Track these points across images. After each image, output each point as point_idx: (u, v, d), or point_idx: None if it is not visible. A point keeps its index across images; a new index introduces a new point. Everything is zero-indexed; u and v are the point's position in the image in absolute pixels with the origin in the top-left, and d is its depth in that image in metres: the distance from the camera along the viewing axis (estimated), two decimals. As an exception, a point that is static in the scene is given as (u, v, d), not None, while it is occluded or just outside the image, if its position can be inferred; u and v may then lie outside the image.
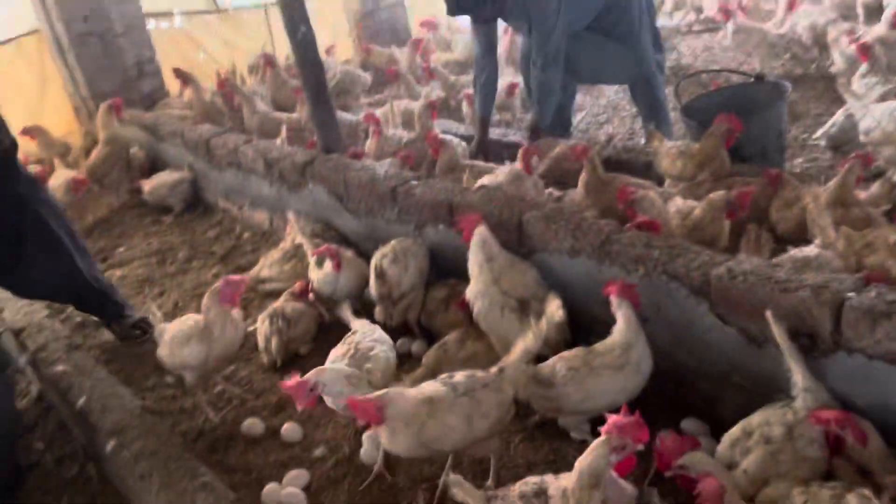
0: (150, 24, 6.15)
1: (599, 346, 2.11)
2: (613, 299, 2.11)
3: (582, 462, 1.64)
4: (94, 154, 4.73)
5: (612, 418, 1.65)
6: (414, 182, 3.00)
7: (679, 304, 2.11)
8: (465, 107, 4.93)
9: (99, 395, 2.57)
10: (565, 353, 2.15)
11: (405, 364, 2.64)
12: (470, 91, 4.64)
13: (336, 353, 2.39)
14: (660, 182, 3.28)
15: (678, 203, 2.79)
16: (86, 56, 5.48)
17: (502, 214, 2.59)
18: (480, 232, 2.49)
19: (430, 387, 1.94)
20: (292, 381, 2.02)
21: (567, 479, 1.66)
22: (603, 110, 5.17)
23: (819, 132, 3.69)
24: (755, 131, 3.34)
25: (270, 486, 2.19)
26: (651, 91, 3.99)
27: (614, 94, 5.33)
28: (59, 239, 2.96)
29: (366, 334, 2.43)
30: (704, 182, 3.00)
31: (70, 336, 3.06)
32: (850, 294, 1.76)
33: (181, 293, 3.57)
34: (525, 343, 2.01)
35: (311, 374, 2.06)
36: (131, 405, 2.51)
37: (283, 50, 5.70)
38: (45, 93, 5.64)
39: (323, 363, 2.75)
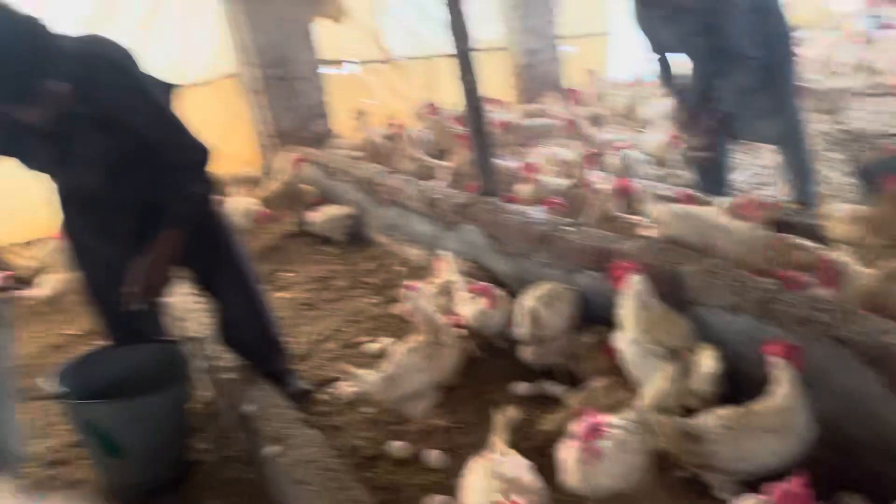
0: (327, 70, 6.70)
1: (758, 405, 2.05)
2: (774, 360, 2.05)
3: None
4: (272, 187, 5.18)
5: (778, 485, 1.61)
6: (567, 228, 3.07)
7: (848, 373, 2.01)
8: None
9: (263, 404, 2.79)
10: (720, 410, 2.11)
11: (545, 405, 2.68)
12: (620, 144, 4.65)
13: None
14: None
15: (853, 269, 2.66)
16: (274, 98, 6.05)
17: (659, 265, 2.59)
18: (635, 280, 2.51)
19: None
20: None
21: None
22: (761, 169, 5.02)
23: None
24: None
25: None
26: (797, 151, 3.84)
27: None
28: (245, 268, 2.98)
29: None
30: (880, 247, 2.85)
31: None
32: None
33: (339, 319, 3.80)
34: (656, 386, 1.99)
35: None
36: (291, 416, 2.70)
37: (447, 98, 5.99)
38: (234, 128, 6.24)
39: (474, 396, 2.86)
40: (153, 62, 4.76)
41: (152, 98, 2.50)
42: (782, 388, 2.02)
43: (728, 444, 2.02)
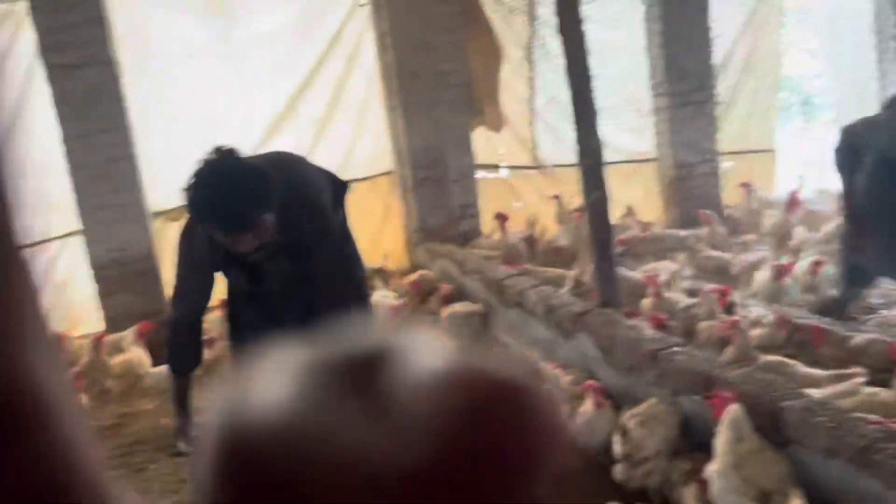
0: (479, 174, 7.09)
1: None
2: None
3: None
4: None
5: None
6: (676, 349, 3.04)
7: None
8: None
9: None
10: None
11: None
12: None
13: None
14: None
15: None
16: (423, 196, 6.49)
17: (760, 398, 2.51)
18: (733, 410, 2.44)
19: None
20: None
21: None
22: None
23: None
24: None
25: None
26: None
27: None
28: None
29: None
30: None
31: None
32: None
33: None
34: None
35: None
36: None
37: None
38: (385, 222, 6.73)
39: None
40: (325, 157, 5.38)
41: (332, 226, 2.84)
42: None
43: None
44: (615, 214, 6.41)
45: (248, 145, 6.18)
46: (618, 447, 2.81)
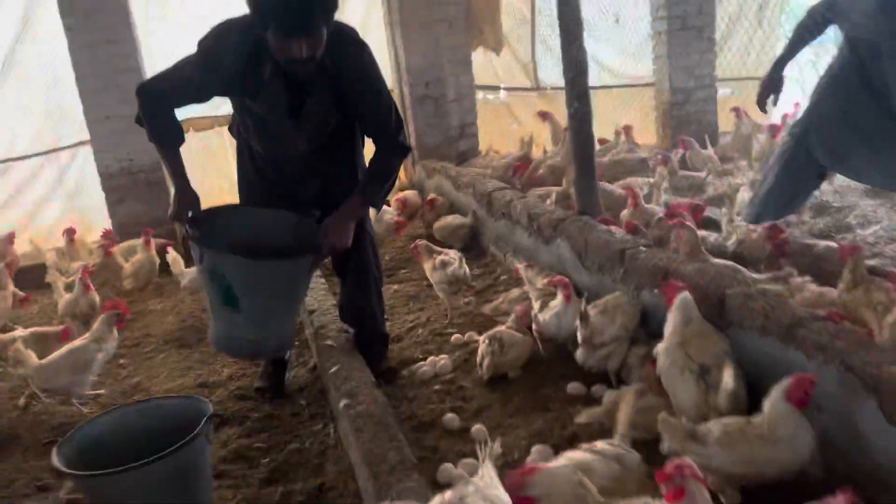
0: (479, 95, 7.22)
1: (757, 418, 2.19)
2: (786, 382, 2.17)
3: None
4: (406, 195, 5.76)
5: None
6: (642, 248, 3.27)
7: (854, 399, 2.10)
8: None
9: (347, 367, 3.25)
10: (725, 419, 2.26)
11: (591, 404, 2.90)
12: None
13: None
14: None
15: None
16: (420, 115, 6.64)
17: (708, 287, 2.75)
18: (683, 296, 2.69)
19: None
20: None
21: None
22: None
23: None
24: None
25: (446, 467, 2.61)
26: None
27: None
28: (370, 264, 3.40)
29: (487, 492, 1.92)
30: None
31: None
32: None
33: (435, 312, 4.22)
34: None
35: None
36: (367, 379, 3.14)
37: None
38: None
39: (530, 389, 3.14)
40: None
41: (384, 87, 3.02)
42: (773, 405, 2.14)
43: (726, 447, 2.17)
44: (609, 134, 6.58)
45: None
46: (578, 332, 3.07)
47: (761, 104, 4.02)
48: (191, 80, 2.82)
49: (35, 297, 5.22)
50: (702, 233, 3.79)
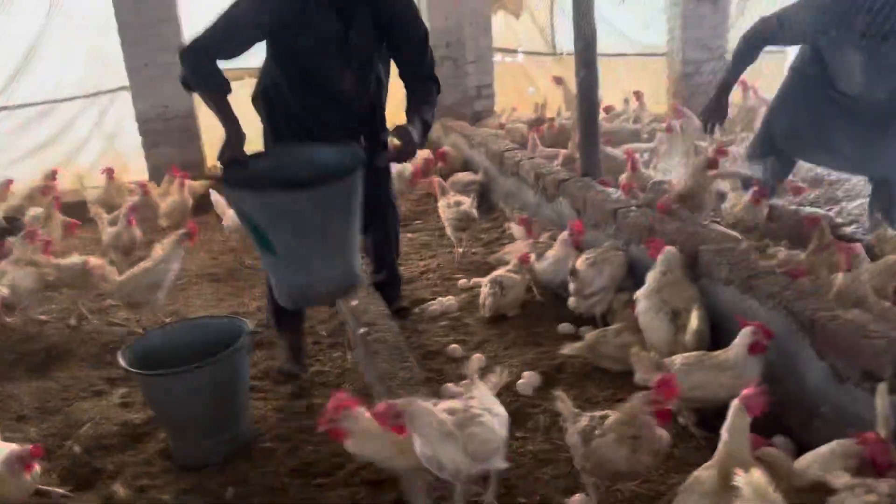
0: (497, 58, 7.50)
1: (714, 353, 2.60)
2: (745, 330, 2.54)
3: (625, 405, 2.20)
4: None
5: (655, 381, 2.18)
6: (633, 208, 3.65)
7: (790, 336, 2.50)
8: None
9: (365, 301, 3.66)
10: (687, 353, 2.67)
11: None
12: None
13: (446, 405, 2.27)
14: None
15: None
16: (440, 75, 6.91)
17: (685, 244, 3.13)
18: (669, 250, 3.07)
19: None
20: (382, 406, 2.13)
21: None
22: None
23: None
24: None
25: (448, 386, 3.04)
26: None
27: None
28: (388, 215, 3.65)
29: (483, 401, 2.31)
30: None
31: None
32: (916, 350, 2.06)
33: (445, 259, 4.63)
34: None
35: (403, 402, 2.13)
36: (383, 312, 3.55)
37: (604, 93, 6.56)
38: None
39: (525, 327, 3.55)
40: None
41: (420, 17, 3.21)
42: (735, 348, 2.54)
43: (684, 374, 2.57)
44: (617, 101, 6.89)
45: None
46: (570, 285, 3.46)
47: (706, 130, 4.30)
48: (242, 24, 2.87)
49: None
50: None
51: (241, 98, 3.21)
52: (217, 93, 2.87)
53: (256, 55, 3.12)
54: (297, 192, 2.56)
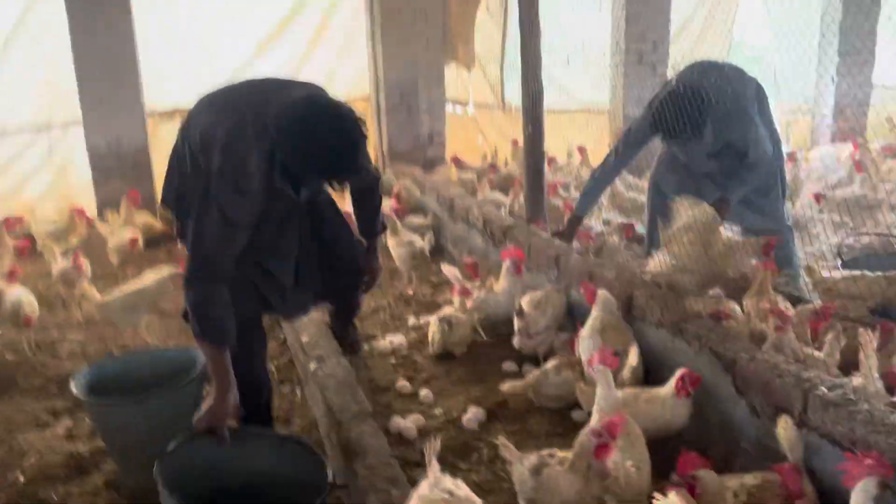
0: (448, 108, 7.80)
1: (651, 389, 2.80)
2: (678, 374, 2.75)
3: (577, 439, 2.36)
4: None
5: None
6: (575, 255, 3.88)
7: (716, 377, 2.72)
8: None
9: (316, 336, 3.76)
10: (628, 389, 2.87)
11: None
12: None
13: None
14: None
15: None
16: (393, 122, 7.20)
17: (620, 288, 3.36)
18: (603, 293, 3.29)
19: None
20: None
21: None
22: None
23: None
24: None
25: (396, 419, 3.16)
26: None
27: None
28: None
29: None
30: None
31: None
32: (822, 389, 2.29)
33: (396, 298, 4.77)
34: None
35: None
36: (334, 348, 3.65)
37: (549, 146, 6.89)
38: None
39: (471, 365, 3.70)
40: (309, 78, 6.04)
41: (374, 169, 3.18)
42: (667, 388, 2.75)
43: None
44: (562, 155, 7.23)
45: (240, 59, 6.85)
46: (516, 323, 3.65)
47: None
48: (241, 235, 2.55)
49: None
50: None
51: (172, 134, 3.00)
52: (225, 346, 2.57)
53: (190, 91, 3.00)
54: None
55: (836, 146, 7.97)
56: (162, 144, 6.74)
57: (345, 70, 7.43)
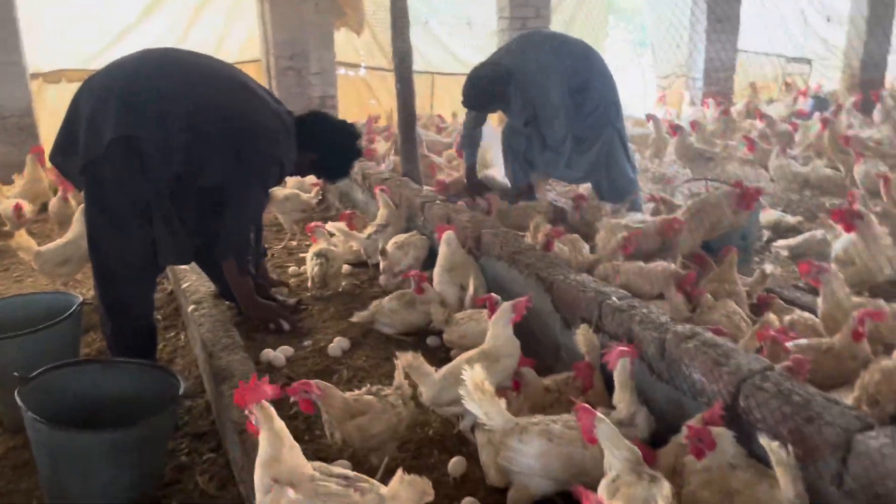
0: (341, 70, 8.01)
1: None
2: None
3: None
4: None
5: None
6: (437, 202, 4.25)
7: (540, 297, 3.14)
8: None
9: (196, 283, 4.01)
10: (466, 311, 3.27)
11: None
12: None
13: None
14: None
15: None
16: (283, 85, 7.36)
17: (473, 229, 3.75)
18: (447, 234, 3.67)
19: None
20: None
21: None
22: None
23: (781, 242, 4.45)
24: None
25: (267, 350, 3.46)
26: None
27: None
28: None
29: None
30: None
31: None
32: (613, 299, 2.74)
33: (277, 250, 5.04)
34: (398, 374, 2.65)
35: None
36: (211, 291, 3.91)
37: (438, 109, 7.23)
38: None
39: (343, 304, 4.02)
40: (202, 42, 6.18)
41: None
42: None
43: (460, 326, 3.16)
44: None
45: (123, 24, 6.85)
46: (381, 263, 4.00)
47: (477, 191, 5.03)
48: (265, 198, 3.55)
49: None
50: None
51: (61, 100, 3.27)
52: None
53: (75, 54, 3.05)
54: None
55: (701, 108, 8.64)
56: (47, 106, 6.72)
57: (235, 33, 7.53)
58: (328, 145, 3.52)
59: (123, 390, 2.80)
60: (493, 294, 3.02)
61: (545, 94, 4.48)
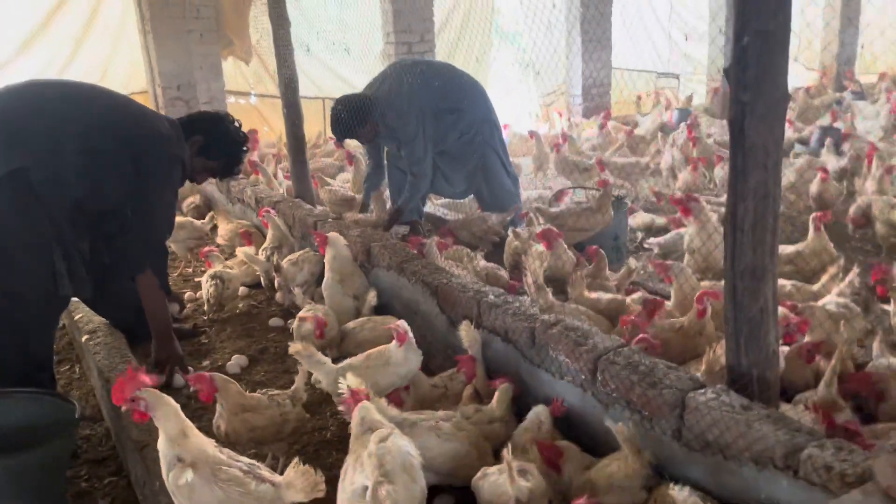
0: (230, 99, 8.06)
1: (378, 318, 3.41)
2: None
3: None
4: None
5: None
6: (329, 220, 4.42)
7: (427, 301, 3.37)
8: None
9: (90, 314, 4.01)
10: (360, 318, 3.46)
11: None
12: None
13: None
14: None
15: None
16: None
17: (363, 242, 3.95)
18: (332, 235, 3.83)
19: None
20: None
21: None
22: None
23: (652, 240, 4.87)
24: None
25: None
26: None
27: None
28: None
29: None
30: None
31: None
32: (490, 297, 3.00)
33: (176, 273, 5.08)
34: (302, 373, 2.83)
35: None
36: (104, 321, 3.93)
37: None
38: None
39: (240, 324, 4.11)
40: (85, 74, 6.08)
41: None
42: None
43: (358, 332, 3.34)
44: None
45: (2, 56, 6.69)
46: (276, 280, 4.13)
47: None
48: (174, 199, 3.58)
49: None
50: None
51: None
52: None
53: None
54: None
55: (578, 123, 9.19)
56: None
57: (120, 63, 7.46)
58: (210, 122, 3.70)
59: (18, 420, 2.81)
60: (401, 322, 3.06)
61: (403, 118, 4.69)
